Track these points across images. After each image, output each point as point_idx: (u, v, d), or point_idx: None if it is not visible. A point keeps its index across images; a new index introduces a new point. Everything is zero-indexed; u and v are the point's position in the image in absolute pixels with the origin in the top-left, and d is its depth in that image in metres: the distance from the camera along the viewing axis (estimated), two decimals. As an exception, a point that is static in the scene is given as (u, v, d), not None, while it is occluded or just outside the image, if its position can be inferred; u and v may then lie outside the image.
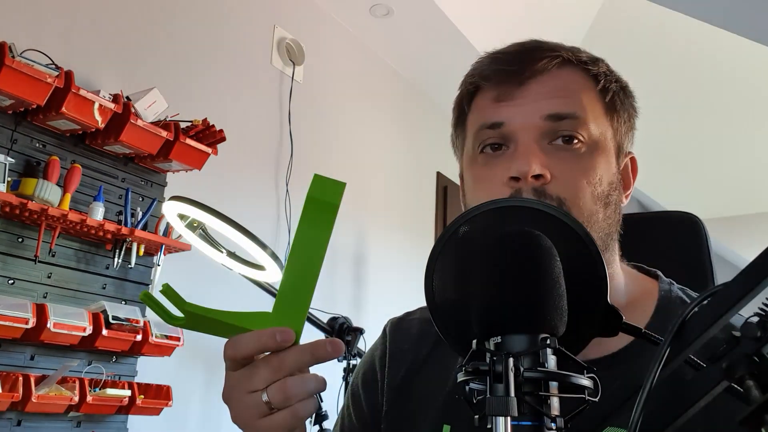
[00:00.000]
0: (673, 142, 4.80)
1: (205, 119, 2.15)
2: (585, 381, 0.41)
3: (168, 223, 2.02)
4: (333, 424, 0.90)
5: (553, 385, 0.41)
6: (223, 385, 0.59)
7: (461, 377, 0.42)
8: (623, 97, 0.73)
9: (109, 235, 1.91)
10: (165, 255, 2.05)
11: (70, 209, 1.79)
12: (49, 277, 1.85)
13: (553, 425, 0.40)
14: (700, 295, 0.40)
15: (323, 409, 1.88)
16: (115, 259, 1.98)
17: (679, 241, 0.94)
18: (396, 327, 0.84)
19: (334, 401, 2.22)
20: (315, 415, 1.85)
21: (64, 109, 1.76)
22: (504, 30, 3.38)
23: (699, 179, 5.31)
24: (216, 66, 2.53)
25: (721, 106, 4.28)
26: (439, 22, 3.15)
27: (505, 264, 0.44)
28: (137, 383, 1.94)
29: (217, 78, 2.53)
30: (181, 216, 1.28)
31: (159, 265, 2.03)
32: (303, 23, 2.99)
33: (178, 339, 1.96)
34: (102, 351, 1.88)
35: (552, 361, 0.41)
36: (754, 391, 0.34)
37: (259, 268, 1.35)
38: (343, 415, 0.85)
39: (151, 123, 1.97)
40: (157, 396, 1.97)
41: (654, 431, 0.40)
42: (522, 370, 0.40)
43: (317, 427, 1.85)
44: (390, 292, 3.22)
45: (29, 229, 1.81)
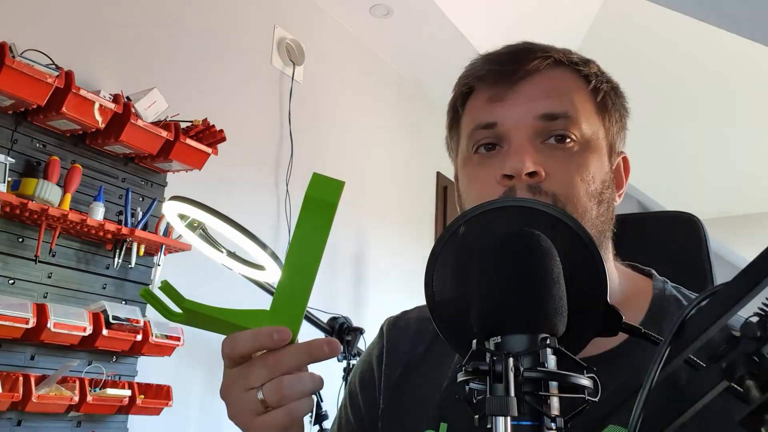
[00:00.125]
0: (673, 142, 4.80)
1: (205, 119, 2.15)
2: (585, 381, 0.41)
3: (168, 223, 2.02)
4: (333, 424, 0.90)
5: (553, 385, 0.41)
6: (221, 383, 0.60)
7: (461, 377, 0.43)
8: (614, 98, 0.74)
9: (110, 235, 1.91)
10: (165, 255, 2.05)
11: (70, 209, 1.79)
12: (50, 277, 1.85)
13: (553, 425, 0.40)
14: (700, 295, 0.40)
15: (323, 409, 1.88)
16: (116, 259, 1.98)
17: (678, 241, 0.94)
18: (393, 326, 0.85)
19: (334, 401, 2.22)
20: (315, 415, 1.85)
21: (64, 109, 1.76)
22: (504, 30, 3.38)
23: (699, 179, 5.31)
24: (216, 66, 2.53)
25: (721, 106, 4.28)
26: (439, 22, 3.15)
27: (505, 264, 0.44)
28: (137, 383, 1.94)
29: (217, 78, 2.53)
30: (181, 216, 1.28)
31: (159, 265, 2.03)
32: (303, 23, 2.99)
33: (178, 339, 1.96)
34: (102, 351, 1.88)
35: (552, 361, 0.41)
36: (753, 391, 0.34)
37: (259, 268, 1.35)
38: (341, 414, 0.86)
39: (151, 123, 1.97)
40: (157, 396, 1.97)
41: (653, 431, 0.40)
42: (522, 370, 0.40)
43: (317, 427, 1.85)
44: (390, 292, 3.22)
45: (29, 229, 1.81)
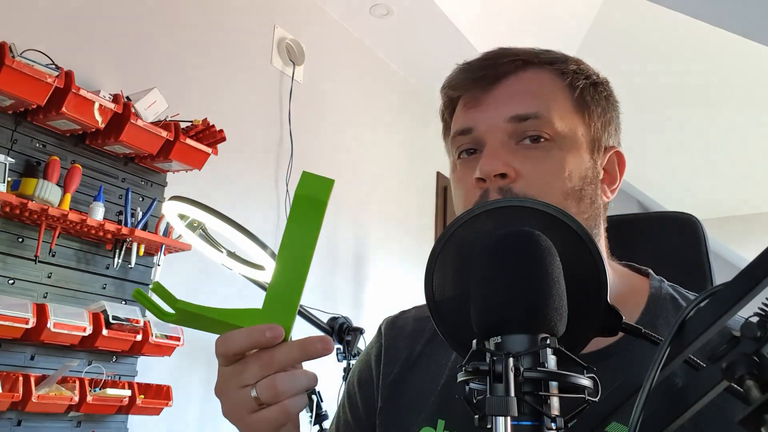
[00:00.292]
0: (673, 142, 4.80)
1: (205, 119, 2.15)
2: (585, 381, 0.41)
3: (168, 223, 2.02)
4: (333, 423, 0.90)
5: (553, 385, 0.41)
6: (216, 381, 0.60)
7: (461, 377, 0.43)
8: (593, 93, 0.74)
9: (109, 235, 1.91)
10: (165, 255, 2.05)
11: (70, 209, 1.79)
12: (49, 277, 1.85)
13: (553, 425, 0.40)
14: (699, 295, 0.40)
15: (323, 409, 1.88)
16: (115, 259, 1.98)
17: (678, 242, 0.94)
18: (391, 325, 0.85)
19: (334, 401, 2.22)
20: (315, 415, 1.85)
21: (64, 109, 1.76)
22: (504, 30, 3.38)
23: (699, 179, 5.31)
24: (216, 66, 2.53)
25: (721, 106, 4.28)
26: (439, 22, 3.15)
27: (505, 264, 0.44)
28: (137, 383, 1.94)
29: (217, 78, 2.53)
30: (181, 216, 1.28)
31: (159, 265, 2.03)
32: (303, 23, 2.99)
33: (178, 339, 1.96)
34: (102, 351, 1.88)
35: (552, 361, 0.41)
36: (754, 391, 0.34)
37: (259, 268, 1.35)
38: (339, 413, 0.86)
39: (151, 123, 1.97)
40: (157, 396, 1.97)
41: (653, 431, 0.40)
42: (522, 370, 0.40)
43: (317, 427, 1.85)
44: (390, 292, 3.22)
45: (29, 229, 1.81)
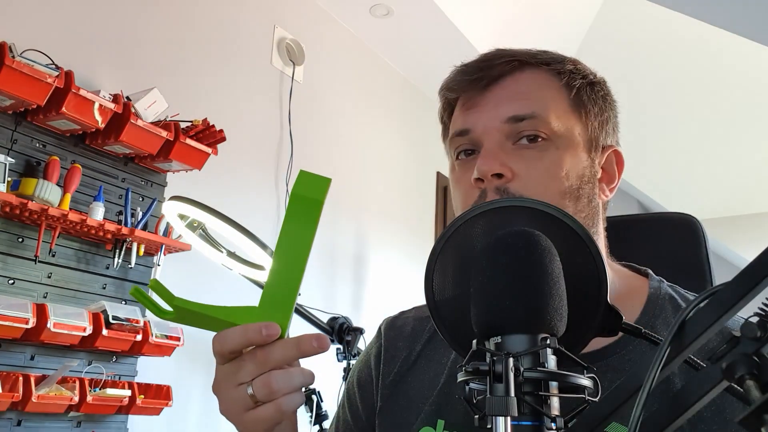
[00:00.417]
0: (673, 142, 4.80)
1: (205, 119, 2.15)
2: (585, 381, 0.41)
3: (168, 223, 2.02)
4: (333, 423, 0.90)
5: (553, 385, 0.41)
6: (214, 378, 0.60)
7: (461, 377, 0.43)
8: (590, 92, 0.74)
9: (109, 235, 1.91)
10: (165, 255, 2.05)
11: (70, 209, 1.79)
12: (49, 277, 1.85)
13: (553, 425, 0.40)
14: (699, 296, 0.40)
15: (323, 409, 1.88)
16: (115, 259, 1.98)
17: (678, 242, 0.95)
18: (390, 325, 0.86)
19: (334, 401, 2.22)
20: (315, 415, 1.85)
21: (64, 109, 1.76)
22: (504, 30, 3.38)
23: (699, 179, 5.31)
24: (216, 66, 2.53)
25: (721, 106, 4.28)
26: (439, 22, 3.15)
27: (505, 264, 0.44)
28: (137, 383, 1.94)
29: (217, 78, 2.53)
30: (181, 216, 1.28)
31: (159, 265, 2.03)
32: (303, 23, 2.99)
33: (178, 339, 1.96)
34: (102, 351, 1.88)
35: (552, 361, 0.41)
36: (754, 391, 0.34)
37: (259, 268, 1.35)
38: (339, 413, 0.87)
39: (151, 123, 1.97)
40: (157, 396, 1.97)
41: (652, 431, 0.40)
42: (522, 370, 0.40)
43: (317, 427, 1.85)
44: (390, 292, 3.22)
45: (29, 229, 1.81)
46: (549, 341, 0.41)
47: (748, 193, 5.46)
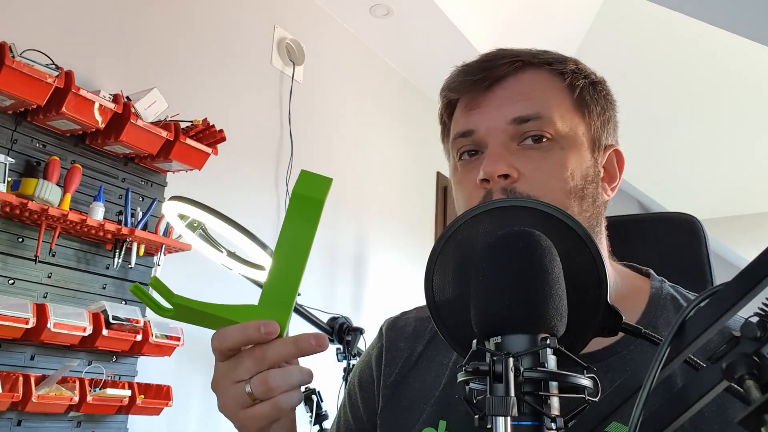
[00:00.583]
0: (673, 142, 4.80)
1: (205, 119, 2.15)
2: (585, 381, 0.41)
3: (168, 223, 2.02)
4: (333, 424, 0.90)
5: (553, 385, 0.41)
6: (212, 376, 0.61)
7: (461, 377, 0.43)
8: (593, 92, 0.75)
9: (109, 235, 1.91)
10: (165, 255, 2.05)
11: (70, 209, 1.79)
12: (49, 277, 1.85)
13: (553, 425, 0.40)
14: (699, 295, 0.40)
15: (323, 409, 1.88)
16: (115, 259, 1.98)
17: (678, 242, 0.94)
18: (392, 326, 0.85)
19: (334, 401, 2.22)
20: (315, 415, 1.85)
21: (64, 109, 1.76)
22: (504, 30, 3.38)
23: (699, 179, 5.31)
24: (216, 66, 2.53)
25: (721, 106, 4.28)
26: (439, 22, 3.15)
27: (505, 264, 0.44)
28: (137, 383, 1.94)
29: (217, 78, 2.53)
30: (181, 216, 1.28)
31: (159, 265, 2.03)
32: (303, 23, 2.99)
33: (178, 339, 1.96)
34: (102, 351, 1.88)
35: (552, 361, 0.41)
36: (754, 391, 0.34)
37: (259, 268, 1.35)
38: (340, 414, 0.86)
39: (151, 123, 1.97)
40: (157, 396, 1.97)
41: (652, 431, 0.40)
42: (522, 370, 0.40)
43: (317, 427, 1.85)
44: (390, 292, 3.22)
45: (29, 229, 1.81)
46: (549, 341, 0.41)
47: (748, 193, 5.46)
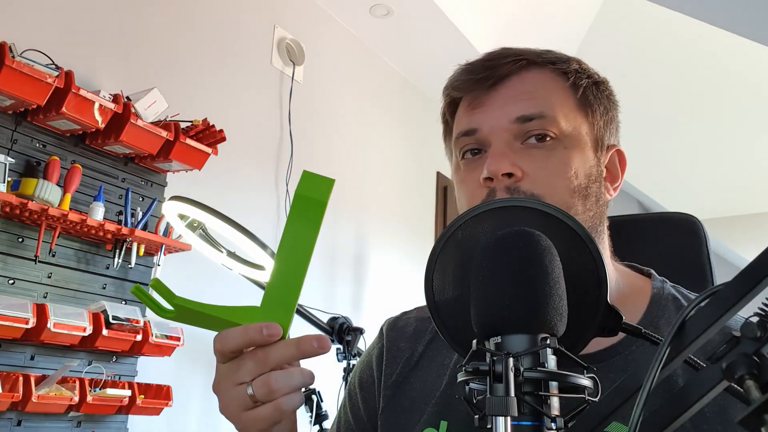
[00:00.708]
0: (673, 142, 4.80)
1: (205, 119, 2.15)
2: (585, 381, 0.41)
3: (168, 223, 2.02)
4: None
5: (553, 385, 0.41)
6: (214, 378, 0.60)
7: (461, 377, 0.43)
8: (596, 92, 0.75)
9: (109, 235, 1.91)
10: (165, 255, 2.05)
11: (70, 209, 1.79)
12: (49, 277, 1.85)
13: (553, 425, 0.40)
14: (700, 295, 0.40)
15: (323, 409, 1.88)
16: (115, 259, 1.98)
17: (679, 242, 0.94)
18: (392, 326, 0.85)
19: (334, 401, 2.22)
20: (315, 415, 1.85)
21: (64, 109, 1.76)
22: (504, 30, 3.38)
23: (699, 179, 5.31)
24: (216, 66, 2.53)
25: (721, 106, 4.28)
26: (439, 22, 3.15)
27: (505, 264, 0.44)
28: (137, 383, 1.94)
29: (217, 78, 2.53)
30: (181, 216, 1.28)
31: (159, 265, 2.03)
32: (303, 23, 2.99)
33: (178, 339, 1.96)
34: (102, 351, 1.88)
35: (552, 361, 0.41)
36: (754, 391, 0.34)
37: (259, 268, 1.35)
38: (341, 414, 0.86)
39: (151, 123, 1.97)
40: (157, 396, 1.97)
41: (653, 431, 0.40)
42: (522, 370, 0.40)
43: (317, 427, 1.85)
44: (390, 292, 3.22)
45: (29, 229, 1.81)
46: (549, 341, 0.41)
47: (748, 193, 5.46)
